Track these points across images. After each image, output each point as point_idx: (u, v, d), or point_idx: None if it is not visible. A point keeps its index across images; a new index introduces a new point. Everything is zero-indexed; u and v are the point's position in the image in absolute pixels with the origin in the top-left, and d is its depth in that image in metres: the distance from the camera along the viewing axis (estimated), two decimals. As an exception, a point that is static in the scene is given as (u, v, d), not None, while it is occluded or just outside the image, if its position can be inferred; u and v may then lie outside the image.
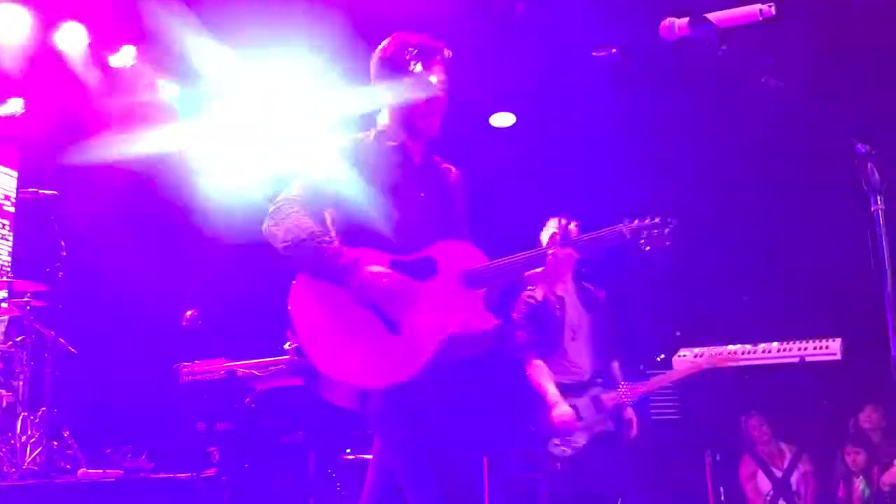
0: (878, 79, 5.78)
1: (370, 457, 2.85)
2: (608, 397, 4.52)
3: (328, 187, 2.77)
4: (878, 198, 2.38)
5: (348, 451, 4.82)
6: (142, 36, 6.42)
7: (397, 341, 2.62)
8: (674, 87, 6.34)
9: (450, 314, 2.68)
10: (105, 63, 6.65)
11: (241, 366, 4.62)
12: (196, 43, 6.07)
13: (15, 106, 6.70)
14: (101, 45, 6.62)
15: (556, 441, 4.40)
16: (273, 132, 6.87)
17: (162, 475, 5.00)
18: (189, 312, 5.37)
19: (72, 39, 6.47)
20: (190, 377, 4.66)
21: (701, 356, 4.74)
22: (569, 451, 4.37)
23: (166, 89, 6.82)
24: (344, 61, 5.77)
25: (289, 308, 2.64)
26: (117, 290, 6.68)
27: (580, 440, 4.41)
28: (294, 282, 2.68)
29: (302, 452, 4.55)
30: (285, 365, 4.48)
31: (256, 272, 7.02)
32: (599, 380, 4.57)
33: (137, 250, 6.69)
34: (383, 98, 2.89)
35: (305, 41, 5.88)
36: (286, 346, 4.57)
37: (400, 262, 2.72)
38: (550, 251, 2.76)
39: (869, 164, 2.38)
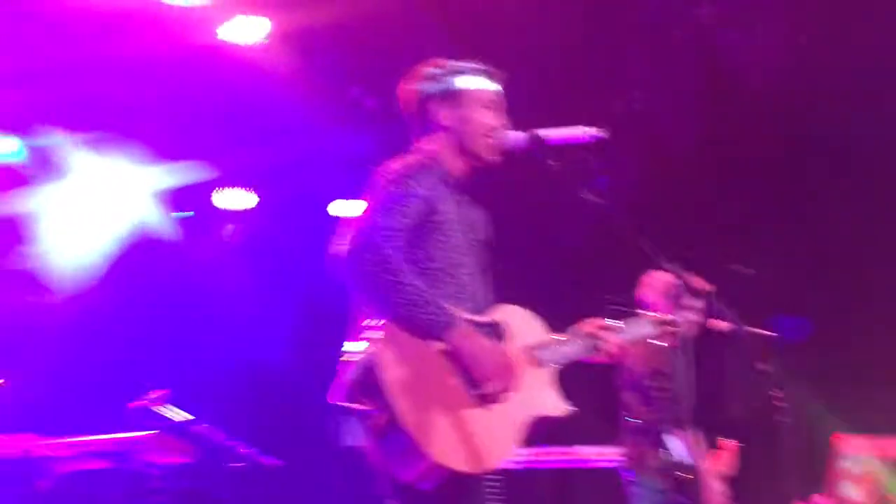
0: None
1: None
2: None
3: (419, 219, 2.47)
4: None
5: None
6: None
7: (489, 420, 2.41)
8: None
9: (531, 393, 2.51)
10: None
11: (42, 444, 4.20)
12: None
13: None
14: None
15: None
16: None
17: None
18: (-3, 382, 4.95)
19: None
20: (-24, 454, 4.19)
21: None
22: None
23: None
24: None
25: (374, 357, 2.34)
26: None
27: None
28: (380, 327, 2.39)
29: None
30: (93, 445, 4.06)
31: (81, 341, 6.62)
32: None
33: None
34: (445, 119, 2.64)
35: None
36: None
37: (473, 324, 2.48)
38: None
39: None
